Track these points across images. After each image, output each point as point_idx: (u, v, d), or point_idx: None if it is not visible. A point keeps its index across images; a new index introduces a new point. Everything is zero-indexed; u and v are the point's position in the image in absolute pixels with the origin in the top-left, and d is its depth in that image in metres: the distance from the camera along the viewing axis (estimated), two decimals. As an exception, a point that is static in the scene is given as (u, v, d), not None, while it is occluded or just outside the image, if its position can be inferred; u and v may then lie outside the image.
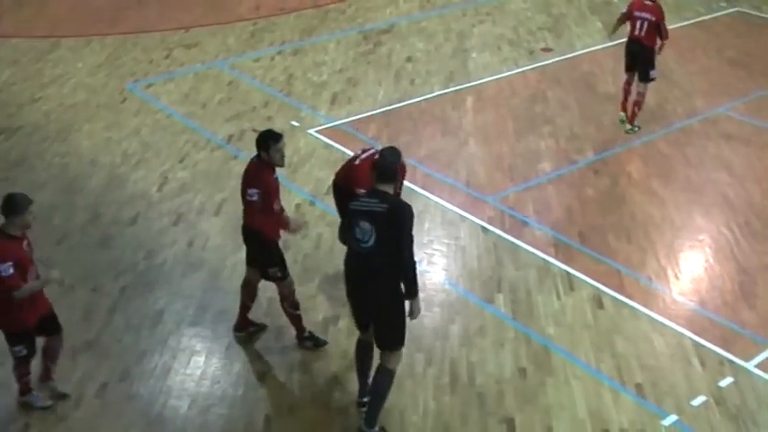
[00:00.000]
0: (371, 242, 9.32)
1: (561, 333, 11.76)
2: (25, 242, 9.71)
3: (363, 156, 11.98)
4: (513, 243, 13.54)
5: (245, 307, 11.55)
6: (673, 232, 13.98)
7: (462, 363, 11.20)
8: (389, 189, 9.45)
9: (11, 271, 9.34)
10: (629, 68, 17.08)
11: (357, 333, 10.18)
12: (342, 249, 12.96)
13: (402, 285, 9.43)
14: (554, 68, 19.90)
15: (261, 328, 11.77)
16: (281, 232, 11.19)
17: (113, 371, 10.95)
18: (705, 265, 13.26)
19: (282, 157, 10.71)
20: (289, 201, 14.34)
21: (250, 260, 11.35)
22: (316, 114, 17.43)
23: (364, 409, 10.08)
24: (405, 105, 17.91)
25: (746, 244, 13.69)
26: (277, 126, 16.65)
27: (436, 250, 13.33)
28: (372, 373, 10.03)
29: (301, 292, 12.15)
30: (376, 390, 9.93)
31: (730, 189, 15.13)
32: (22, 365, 10.12)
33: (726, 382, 11.00)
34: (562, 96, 18.44)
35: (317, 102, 18.05)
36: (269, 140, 10.61)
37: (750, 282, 12.86)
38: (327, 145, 16.20)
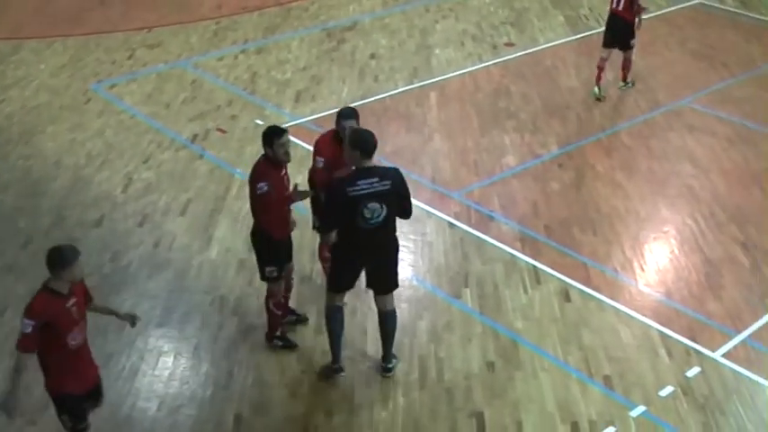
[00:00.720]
0: (381, 218, 9.95)
1: (529, 327, 11.80)
2: (73, 300, 8.64)
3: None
4: (479, 238, 13.57)
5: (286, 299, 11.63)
6: (638, 224, 14.05)
7: (431, 358, 11.22)
8: (374, 162, 10.03)
9: (29, 329, 8.31)
10: (608, 45, 17.28)
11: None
12: (308, 246, 13.03)
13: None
14: (517, 63, 19.94)
15: (301, 319, 11.90)
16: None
17: (81, 373, 10.90)
18: (670, 256, 13.33)
19: (287, 152, 10.82)
20: (254, 199, 14.35)
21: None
22: (280, 112, 17.40)
23: (342, 374, 10.88)
24: (369, 102, 17.89)
25: (711, 235, 13.77)
26: (241, 125, 16.68)
27: (403, 246, 13.20)
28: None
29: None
30: (389, 332, 10.82)
31: (694, 180, 15.21)
32: None
33: (693, 372, 11.06)
34: (526, 91, 18.48)
35: (281, 100, 18.02)
36: (272, 136, 10.74)
37: (715, 272, 12.93)
38: (292, 143, 16.12)
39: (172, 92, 18.35)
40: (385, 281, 10.65)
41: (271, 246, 10.95)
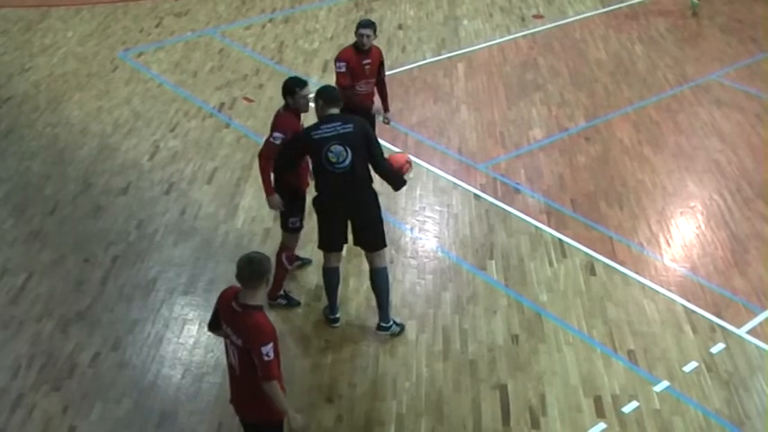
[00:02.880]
0: (347, 162, 10.21)
1: (553, 300, 11.79)
2: None
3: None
4: (505, 210, 13.55)
5: None
6: (664, 199, 13.99)
7: (455, 330, 11.23)
8: (341, 102, 10.57)
9: (272, 355, 7.63)
10: None
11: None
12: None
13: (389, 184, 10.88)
14: (545, 35, 19.85)
15: (305, 261, 12.48)
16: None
17: (106, 340, 10.96)
18: (697, 231, 13.28)
19: (307, 103, 11.07)
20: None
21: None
22: (307, 82, 17.33)
23: (336, 325, 11.27)
24: (396, 73, 17.82)
25: (738, 211, 13.70)
26: (267, 95, 16.66)
27: (428, 217, 13.33)
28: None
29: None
30: (381, 289, 10.94)
31: (722, 156, 15.13)
32: None
33: (717, 348, 11.03)
34: (554, 63, 18.41)
35: (308, 69, 17.99)
36: (294, 87, 11.00)
37: (741, 249, 12.88)
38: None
39: (199, 60, 18.36)
40: (368, 238, 10.84)
41: (296, 197, 11.21)
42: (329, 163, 10.20)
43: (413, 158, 14.47)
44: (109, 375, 10.45)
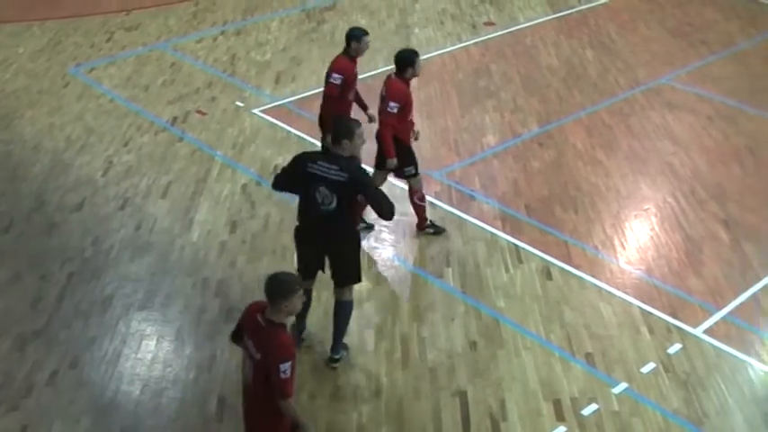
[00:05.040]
0: (332, 207, 9.91)
1: (511, 305, 11.83)
2: None
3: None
4: (460, 217, 13.59)
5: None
6: (618, 202, 14.08)
7: (413, 338, 11.24)
8: (344, 151, 9.94)
9: (289, 373, 7.67)
10: None
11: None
12: (289, 227, 13.03)
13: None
14: (497, 42, 19.95)
15: (369, 226, 13.37)
16: None
17: (64, 358, 10.88)
18: (651, 233, 13.38)
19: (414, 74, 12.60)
20: (235, 180, 14.36)
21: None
22: (260, 94, 17.38)
23: (303, 343, 11.06)
24: (349, 83, 17.88)
25: (692, 212, 13.82)
26: (220, 108, 16.65)
27: (384, 227, 13.34)
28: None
29: (250, 271, 12.25)
30: (340, 322, 10.73)
31: (675, 158, 15.25)
32: None
33: (674, 348, 11.12)
34: (506, 69, 18.50)
35: (261, 81, 17.99)
36: (413, 57, 12.61)
37: (696, 249, 12.98)
38: (272, 124, 16.17)
39: (151, 75, 18.29)
40: (339, 274, 10.55)
41: (402, 150, 12.59)
42: (315, 201, 9.97)
43: (367, 169, 14.51)
44: (67, 393, 10.37)
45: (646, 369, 10.78)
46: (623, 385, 10.53)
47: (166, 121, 16.38)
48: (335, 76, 12.78)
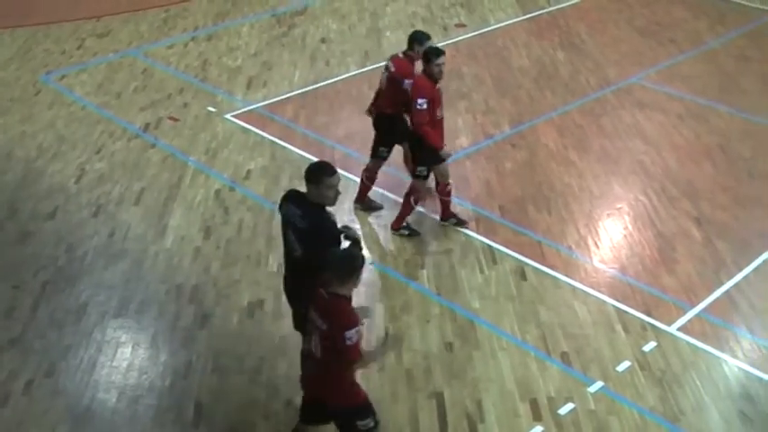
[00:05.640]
0: (298, 254, 9.08)
1: (486, 306, 11.86)
2: None
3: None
4: (434, 219, 13.61)
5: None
6: (591, 202, 14.14)
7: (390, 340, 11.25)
8: (313, 193, 8.89)
9: (355, 339, 7.97)
10: None
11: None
12: (263, 232, 13.06)
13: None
14: (468, 44, 19.98)
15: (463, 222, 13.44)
16: None
17: (39, 367, 10.83)
18: (624, 232, 13.43)
19: (441, 71, 12.54)
20: (208, 186, 14.34)
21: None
22: (232, 99, 17.36)
23: None
24: (321, 86, 17.91)
25: (664, 210, 13.88)
26: (193, 113, 16.62)
27: (358, 230, 13.35)
28: None
29: (225, 276, 12.24)
30: None
31: (646, 157, 15.32)
32: None
33: (649, 346, 11.17)
34: (477, 71, 18.53)
35: (232, 86, 17.98)
36: (430, 56, 12.55)
37: (669, 247, 13.05)
38: (245, 129, 16.15)
39: (123, 81, 18.24)
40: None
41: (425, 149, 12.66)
42: (285, 244, 9.28)
43: (341, 172, 14.54)
44: (43, 402, 10.33)
45: (621, 367, 10.82)
46: (599, 384, 10.57)
47: (139, 127, 16.33)
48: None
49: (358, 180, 14.23)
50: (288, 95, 17.53)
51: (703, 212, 13.84)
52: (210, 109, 16.88)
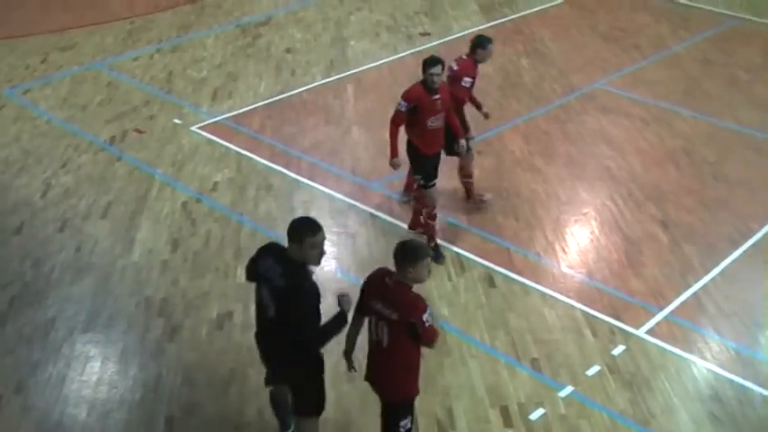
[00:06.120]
0: (272, 313, 8.39)
1: (455, 314, 11.89)
2: None
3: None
4: (401, 228, 13.62)
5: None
6: (558, 207, 14.20)
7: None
8: (295, 251, 8.28)
9: (431, 320, 8.15)
10: None
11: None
12: (230, 244, 13.03)
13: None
14: (433, 52, 19.96)
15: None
16: None
17: (8, 384, 10.77)
18: (591, 237, 13.50)
19: (434, 81, 12.32)
20: (175, 198, 14.30)
21: None
22: (198, 111, 17.34)
23: None
24: (286, 97, 17.90)
25: (630, 214, 13.96)
26: (160, 125, 16.58)
27: (326, 240, 13.32)
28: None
29: (193, 289, 12.21)
30: None
31: (612, 162, 15.40)
32: None
33: (618, 350, 11.23)
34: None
35: (198, 98, 17.95)
36: (424, 65, 12.44)
37: (636, 251, 13.12)
38: (211, 141, 16.13)
39: (88, 94, 18.17)
40: (293, 399, 9.23)
41: (417, 157, 12.74)
42: (258, 301, 8.59)
43: (307, 182, 14.56)
44: (13, 419, 10.28)
45: (591, 372, 10.88)
46: (569, 389, 10.62)
47: (104, 140, 16.28)
48: (466, 80, 13.40)
49: (326, 190, 14.27)
50: (254, 106, 17.51)
51: (669, 216, 13.93)
52: (176, 121, 16.85)
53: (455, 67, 13.48)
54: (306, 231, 8.28)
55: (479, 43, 13.53)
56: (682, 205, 14.21)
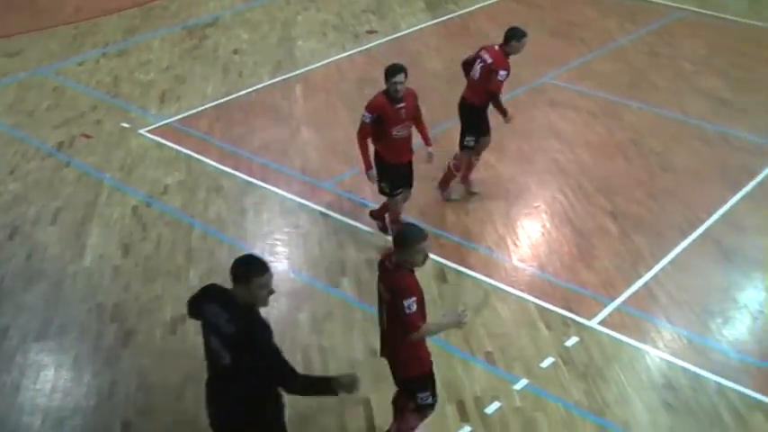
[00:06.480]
0: (227, 361, 7.56)
1: (408, 310, 11.90)
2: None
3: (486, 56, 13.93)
4: (353, 226, 13.65)
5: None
6: (508, 201, 14.27)
7: (314, 349, 11.26)
8: (242, 292, 7.45)
9: (415, 307, 8.46)
10: None
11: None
12: (182, 247, 12.99)
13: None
14: (381, 50, 20.05)
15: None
16: None
17: (-38, 393, 10.72)
18: (542, 230, 13.57)
19: (397, 90, 12.33)
20: (125, 203, 14.24)
21: None
22: (146, 114, 17.25)
23: None
24: (234, 98, 17.87)
25: (580, 207, 14.06)
26: (107, 129, 16.49)
27: (277, 240, 13.36)
28: None
29: (146, 293, 12.16)
30: None
31: (561, 155, 15.49)
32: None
33: (572, 341, 11.32)
34: (390, 77, 18.56)
35: (145, 101, 17.86)
36: (386, 73, 12.38)
37: (586, 243, 13.21)
38: (159, 144, 16.06)
39: (34, 100, 18.03)
40: None
41: (381, 164, 12.70)
42: (209, 350, 7.81)
43: (258, 182, 14.54)
44: (-34, 429, 10.23)
45: (545, 364, 10.95)
46: (524, 381, 10.68)
47: (52, 146, 16.16)
48: (502, 73, 13.61)
49: (276, 190, 14.27)
50: (202, 108, 17.46)
51: (619, 207, 14.04)
52: (124, 125, 16.76)
53: (488, 59, 13.68)
54: (254, 271, 7.44)
55: (514, 35, 13.76)
56: (631, 196, 14.33)
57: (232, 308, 7.48)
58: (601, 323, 11.65)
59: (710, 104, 17.45)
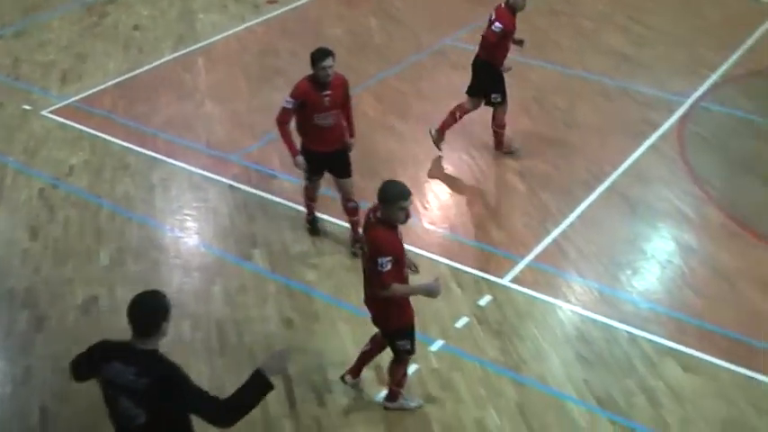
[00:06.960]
0: (142, 420, 6.77)
1: (321, 279, 11.95)
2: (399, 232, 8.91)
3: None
4: (262, 197, 13.63)
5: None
6: (416, 165, 14.33)
7: (228, 323, 11.25)
8: (151, 339, 6.81)
9: (389, 266, 8.54)
10: None
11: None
12: (90, 227, 12.87)
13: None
14: (281, 19, 19.98)
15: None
16: None
17: None
18: (450, 192, 13.67)
19: (327, 75, 11.97)
20: (31, 186, 14.07)
21: None
22: (47, 95, 17.02)
23: None
24: (137, 74, 17.70)
25: (487, 167, 14.19)
26: (8, 112, 16.25)
27: (187, 215, 13.29)
28: None
29: (56, 276, 12.04)
30: None
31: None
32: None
33: (485, 300, 11.44)
34: (292, 46, 18.52)
35: (47, 82, 17.61)
36: (313, 58, 12.00)
37: (495, 202, 13.36)
38: (63, 125, 15.86)
39: (-70, 87, 17.74)
40: None
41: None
42: (118, 413, 6.91)
43: (164, 158, 14.45)
44: None
45: (460, 324, 11.06)
46: (440, 342, 10.78)
47: (-49, 133, 15.93)
48: (497, 24, 13.98)
49: (183, 165, 14.21)
50: (104, 86, 17.27)
51: (525, 165, 14.18)
52: (26, 107, 16.52)
53: (493, 16, 14.08)
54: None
55: None
56: (536, 154, 14.48)
57: (136, 360, 6.74)
58: (513, 281, 11.78)
59: (611, 61, 17.66)
